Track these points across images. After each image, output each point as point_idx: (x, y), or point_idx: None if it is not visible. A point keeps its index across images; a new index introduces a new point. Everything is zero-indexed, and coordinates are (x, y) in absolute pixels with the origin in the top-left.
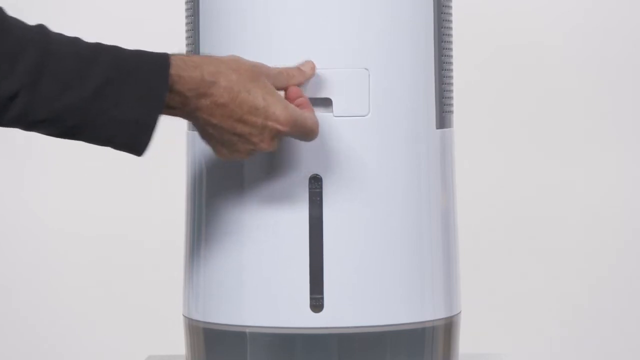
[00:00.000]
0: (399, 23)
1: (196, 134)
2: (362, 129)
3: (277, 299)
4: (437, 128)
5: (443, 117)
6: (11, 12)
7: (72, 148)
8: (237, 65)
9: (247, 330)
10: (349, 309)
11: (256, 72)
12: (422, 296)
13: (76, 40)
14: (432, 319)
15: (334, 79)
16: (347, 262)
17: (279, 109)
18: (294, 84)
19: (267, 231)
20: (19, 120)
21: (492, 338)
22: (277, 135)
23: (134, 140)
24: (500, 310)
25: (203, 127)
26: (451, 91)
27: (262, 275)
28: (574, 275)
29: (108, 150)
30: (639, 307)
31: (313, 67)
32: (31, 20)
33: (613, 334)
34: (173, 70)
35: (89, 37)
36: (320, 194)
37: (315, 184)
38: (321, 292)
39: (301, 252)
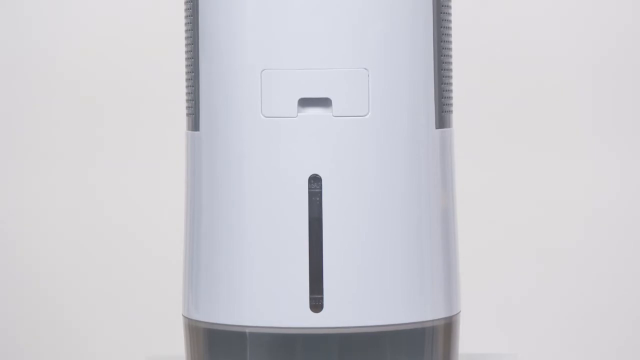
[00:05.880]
0: (399, 22)
1: (196, 133)
2: (362, 129)
3: (277, 299)
4: (436, 128)
5: (442, 117)
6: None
7: (73, 148)
8: None
9: (247, 330)
10: (349, 309)
11: None
12: (421, 296)
13: None
14: (432, 318)
15: (334, 79)
16: (347, 262)
17: None
18: None
19: (267, 231)
20: None
21: (492, 338)
22: None
23: None
24: (500, 310)
25: None
26: (450, 91)
27: (262, 276)
28: (574, 275)
29: (107, 151)
30: None
31: None
32: (31, 19)
33: (614, 334)
34: None
35: (89, 37)
36: (320, 194)
37: (315, 184)
38: (321, 292)
39: (301, 252)
